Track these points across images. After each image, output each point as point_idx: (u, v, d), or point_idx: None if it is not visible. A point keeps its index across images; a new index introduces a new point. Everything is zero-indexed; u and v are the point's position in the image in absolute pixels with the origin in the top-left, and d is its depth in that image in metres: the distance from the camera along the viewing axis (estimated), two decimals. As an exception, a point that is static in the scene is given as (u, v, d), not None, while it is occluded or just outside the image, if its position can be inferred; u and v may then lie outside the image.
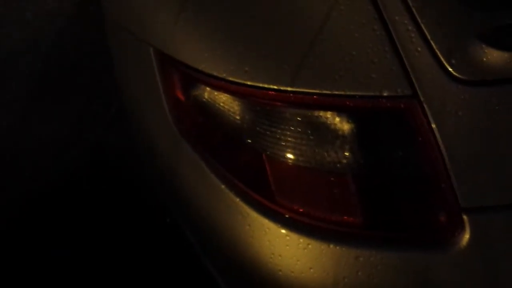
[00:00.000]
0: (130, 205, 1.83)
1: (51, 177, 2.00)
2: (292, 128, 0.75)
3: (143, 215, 1.80)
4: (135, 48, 1.01)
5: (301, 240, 0.75)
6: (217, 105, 0.81)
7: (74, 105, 2.21)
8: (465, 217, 0.72)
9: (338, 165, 0.73)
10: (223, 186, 0.80)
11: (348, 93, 0.72)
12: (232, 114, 0.80)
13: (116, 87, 2.25)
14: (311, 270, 0.75)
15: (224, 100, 0.80)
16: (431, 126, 0.70)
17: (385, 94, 0.71)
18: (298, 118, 0.75)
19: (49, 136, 2.12)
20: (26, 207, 1.86)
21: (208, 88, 0.82)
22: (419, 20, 0.72)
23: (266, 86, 0.74)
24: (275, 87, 0.74)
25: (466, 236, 0.72)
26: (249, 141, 0.79)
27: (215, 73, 0.80)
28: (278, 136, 0.76)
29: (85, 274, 1.69)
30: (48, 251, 1.73)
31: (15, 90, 2.33)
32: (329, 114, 0.73)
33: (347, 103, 0.72)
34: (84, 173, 2.00)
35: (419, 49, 0.71)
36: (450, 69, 0.71)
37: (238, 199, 0.79)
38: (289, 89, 0.74)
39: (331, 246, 0.74)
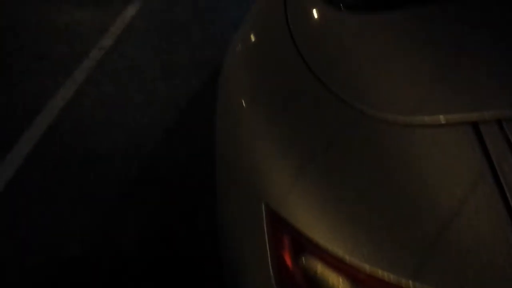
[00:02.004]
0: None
1: None
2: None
3: None
4: (244, 195, 1.02)
5: None
6: (329, 283, 0.79)
7: (161, 218, 2.26)
8: None
9: None
10: None
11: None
12: (344, 297, 0.77)
13: (204, 195, 2.28)
14: None
15: (337, 280, 0.78)
16: None
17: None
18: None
19: (134, 242, 2.16)
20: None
21: (320, 262, 0.80)
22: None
23: (385, 277, 0.72)
24: (396, 280, 0.71)
25: None
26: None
27: (330, 248, 0.78)
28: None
29: None
30: None
31: (106, 188, 2.43)
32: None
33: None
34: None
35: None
36: None
37: None
38: (410, 282, 0.70)
39: None
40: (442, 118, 0.82)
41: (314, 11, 1.24)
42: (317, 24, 1.19)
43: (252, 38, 1.37)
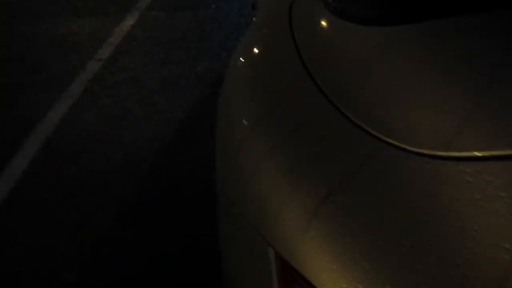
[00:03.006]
0: None
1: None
2: None
3: None
4: (249, 240, 0.89)
5: None
6: None
7: (161, 234, 2.13)
8: None
9: None
10: None
11: None
12: None
13: (207, 219, 2.15)
14: None
15: None
16: None
17: None
18: None
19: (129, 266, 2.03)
20: None
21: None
22: None
23: None
24: None
25: None
26: None
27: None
28: None
29: None
30: None
31: (103, 210, 2.30)
32: None
33: None
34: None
35: None
36: None
37: None
38: None
39: None
40: (484, 152, 0.69)
41: (323, 23, 1.11)
42: (327, 38, 1.06)
43: (255, 53, 1.25)
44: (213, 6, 4.49)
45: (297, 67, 1.01)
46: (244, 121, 1.05)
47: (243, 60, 1.26)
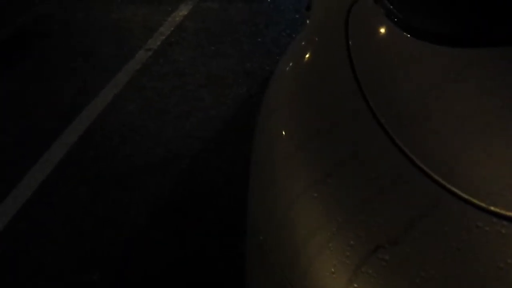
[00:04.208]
0: None
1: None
2: None
3: None
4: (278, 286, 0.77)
5: None
6: None
7: (192, 241, 2.04)
8: None
9: None
10: None
11: None
12: None
13: (242, 228, 2.04)
14: None
15: None
16: None
17: None
18: None
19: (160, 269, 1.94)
20: None
21: None
22: None
23: None
24: None
25: None
26: None
27: None
28: None
29: None
30: None
31: (135, 208, 2.22)
32: None
33: None
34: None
35: None
36: None
37: None
38: None
39: None
40: None
41: (382, 35, 0.96)
42: (386, 54, 0.91)
43: (305, 61, 1.11)
44: (268, 0, 4.35)
45: (350, 85, 0.87)
46: (285, 141, 0.92)
47: (291, 68, 1.13)
